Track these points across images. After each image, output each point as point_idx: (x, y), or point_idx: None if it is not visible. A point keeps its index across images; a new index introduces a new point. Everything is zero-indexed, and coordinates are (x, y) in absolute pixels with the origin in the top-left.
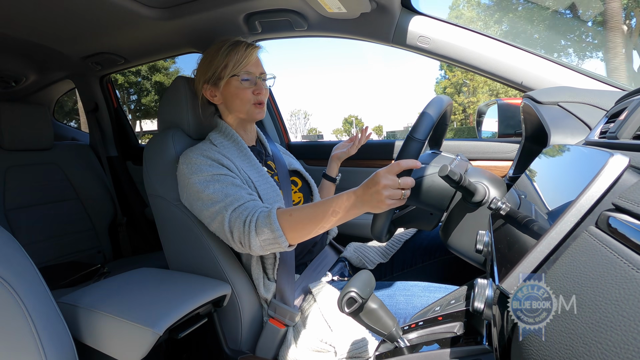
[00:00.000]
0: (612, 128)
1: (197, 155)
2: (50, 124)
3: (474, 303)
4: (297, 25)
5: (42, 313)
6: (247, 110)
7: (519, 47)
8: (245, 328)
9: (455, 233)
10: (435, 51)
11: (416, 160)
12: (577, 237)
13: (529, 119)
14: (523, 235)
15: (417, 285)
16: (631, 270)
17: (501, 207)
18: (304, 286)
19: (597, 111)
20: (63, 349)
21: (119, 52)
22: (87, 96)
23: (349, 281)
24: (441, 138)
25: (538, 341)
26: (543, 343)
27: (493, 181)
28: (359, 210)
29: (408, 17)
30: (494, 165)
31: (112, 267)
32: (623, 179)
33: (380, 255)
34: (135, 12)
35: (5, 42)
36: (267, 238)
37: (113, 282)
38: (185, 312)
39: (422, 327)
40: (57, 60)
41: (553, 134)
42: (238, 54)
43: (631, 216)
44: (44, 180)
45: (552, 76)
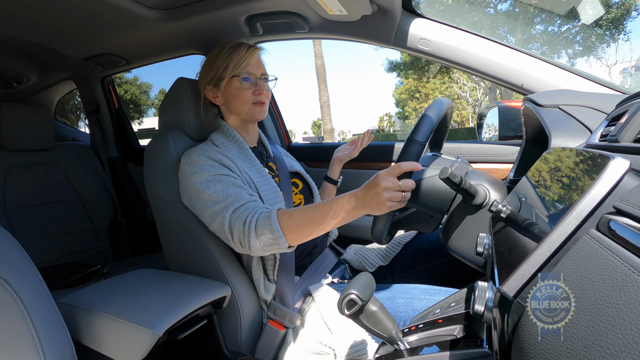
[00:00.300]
0: (612, 131)
1: (198, 155)
2: (51, 125)
3: (474, 306)
4: (298, 27)
5: (41, 313)
6: (247, 110)
7: (520, 50)
8: (244, 330)
9: (456, 235)
10: (436, 54)
11: (417, 163)
12: (577, 240)
13: (529, 122)
14: (523, 238)
15: (417, 288)
16: (632, 273)
17: (502, 209)
18: (304, 288)
19: (598, 114)
20: (62, 350)
21: (120, 54)
22: (88, 97)
23: (349, 283)
24: (441, 140)
25: (538, 344)
26: (543, 346)
27: (494, 184)
28: (359, 212)
29: (409, 20)
30: (495, 168)
31: (112, 268)
32: (624, 182)
33: (380, 258)
34: (137, 14)
35: (6, 42)
36: (267, 239)
37: (113, 283)
38: (185, 313)
39: (422, 330)
40: (58, 61)
41: (554, 137)
42: (239, 55)
43: (632, 219)
44: (45, 181)
45: (553, 79)
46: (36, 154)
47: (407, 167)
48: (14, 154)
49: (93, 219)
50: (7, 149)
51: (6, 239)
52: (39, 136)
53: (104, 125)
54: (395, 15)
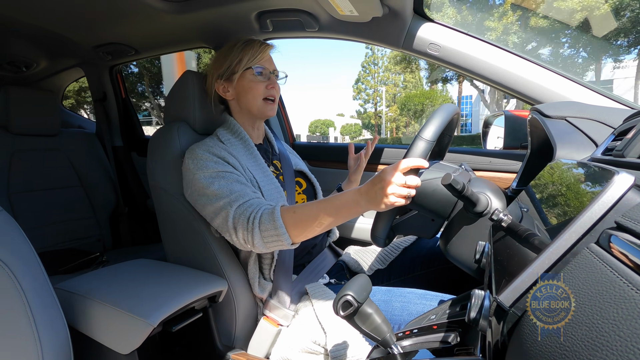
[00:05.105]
0: (618, 146)
1: (203, 151)
2: (58, 111)
3: (469, 314)
4: (308, 26)
5: (39, 297)
6: (258, 106)
7: (530, 60)
8: (239, 325)
9: (455, 242)
10: (445, 59)
11: (423, 160)
12: (577, 253)
13: (535, 132)
14: (523, 249)
15: (414, 293)
16: (630, 290)
17: (503, 219)
18: (301, 287)
19: (605, 128)
20: (57, 335)
21: (130, 43)
22: (96, 85)
23: (346, 284)
24: (445, 150)
25: (531, 351)
26: (536, 353)
27: (496, 192)
28: (363, 208)
29: (419, 24)
30: (498, 177)
31: (111, 256)
32: (627, 198)
33: (378, 261)
34: (149, 4)
35: (17, 27)
36: (270, 235)
37: (111, 272)
38: (181, 305)
39: (417, 335)
40: (68, 48)
41: (559, 149)
42: (253, 49)
43: (633, 236)
44: (49, 166)
45: (562, 90)
46: (42, 139)
47: (413, 164)
48: (20, 137)
49: (95, 206)
50: (13, 132)
51: (8, 222)
52: (45, 121)
53: (110, 114)
54: (405, 18)
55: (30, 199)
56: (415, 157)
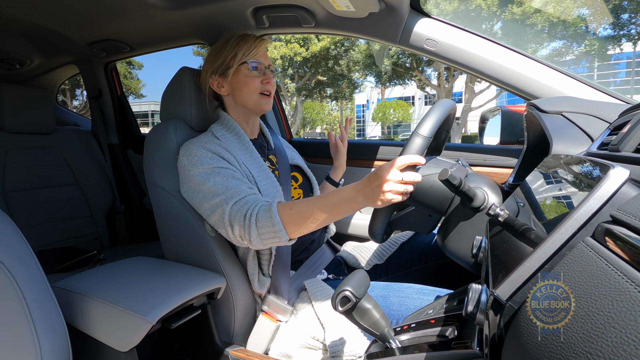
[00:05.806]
0: (614, 140)
1: (197, 147)
2: (53, 108)
3: (467, 308)
4: (305, 22)
5: (36, 296)
6: (254, 100)
7: (526, 55)
8: (238, 321)
9: (452, 237)
10: (442, 54)
11: (420, 156)
12: (573, 247)
13: (531, 127)
14: (519, 243)
15: (412, 288)
16: (625, 282)
17: (499, 213)
18: (299, 283)
19: (600, 123)
20: (56, 333)
21: (125, 40)
22: (90, 82)
23: (344, 280)
24: (442, 145)
25: (529, 348)
26: (535, 352)
27: (492, 188)
28: (360, 205)
29: (416, 19)
30: (495, 172)
31: (108, 254)
32: (622, 192)
33: (376, 257)
34: (144, 1)
35: (10, 23)
36: (267, 232)
37: (108, 269)
38: (179, 302)
39: (414, 329)
40: (62, 45)
41: (555, 144)
42: (247, 43)
43: (628, 229)
44: (44, 164)
45: (558, 85)
46: (36, 137)
47: (410, 160)
48: (14, 136)
49: (91, 204)
50: (7, 130)
51: (4, 220)
52: (40, 119)
53: (105, 112)
54: (402, 13)
55: (26, 198)
56: (412, 153)
